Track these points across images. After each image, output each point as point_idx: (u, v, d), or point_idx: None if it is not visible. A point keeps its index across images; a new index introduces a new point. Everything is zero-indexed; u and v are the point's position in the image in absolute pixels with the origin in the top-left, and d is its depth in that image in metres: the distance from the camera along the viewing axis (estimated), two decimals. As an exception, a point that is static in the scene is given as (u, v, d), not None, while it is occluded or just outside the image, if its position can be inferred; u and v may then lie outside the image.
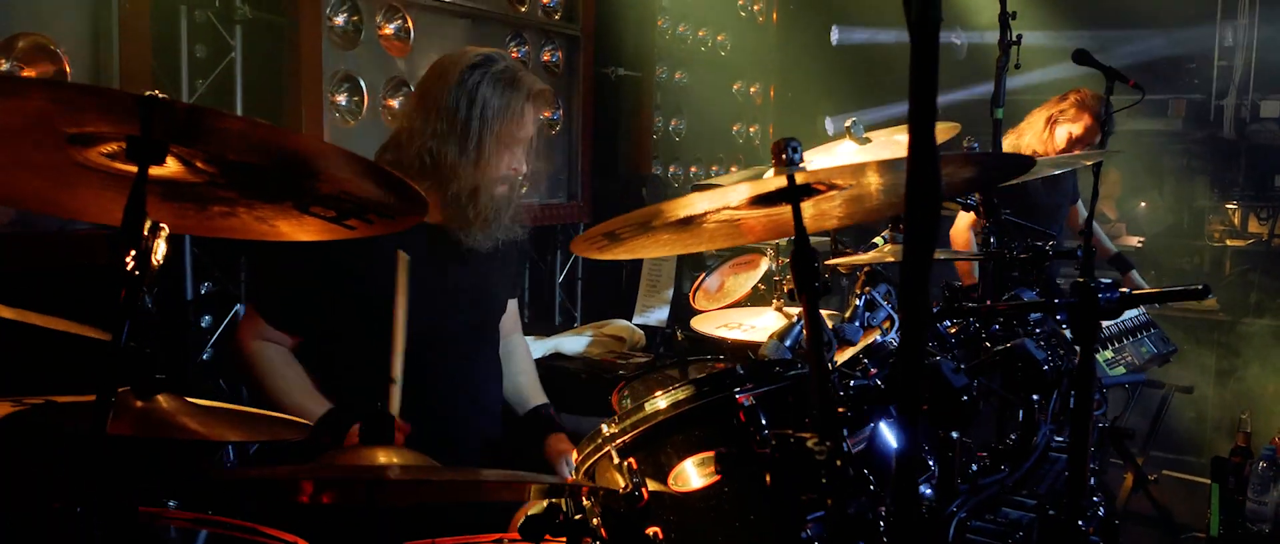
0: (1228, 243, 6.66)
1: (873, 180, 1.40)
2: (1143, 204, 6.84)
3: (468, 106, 2.18)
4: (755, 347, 2.78)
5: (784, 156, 1.31)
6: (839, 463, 1.15)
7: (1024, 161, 1.44)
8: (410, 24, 4.10)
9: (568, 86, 5.03)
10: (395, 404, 1.84)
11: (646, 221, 1.48)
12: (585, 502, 1.62)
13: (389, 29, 4.06)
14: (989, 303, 1.96)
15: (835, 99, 6.70)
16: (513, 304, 2.67)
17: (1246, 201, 6.63)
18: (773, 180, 1.31)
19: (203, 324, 3.69)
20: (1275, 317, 5.82)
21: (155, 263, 1.26)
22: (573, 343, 3.74)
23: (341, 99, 3.89)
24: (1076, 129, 4.28)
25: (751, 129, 6.52)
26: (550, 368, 3.63)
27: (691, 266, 3.97)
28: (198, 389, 3.58)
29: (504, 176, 2.28)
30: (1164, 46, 6.49)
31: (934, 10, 1.02)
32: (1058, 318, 3.57)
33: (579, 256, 5.36)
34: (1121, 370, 3.97)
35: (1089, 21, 6.11)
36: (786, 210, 1.43)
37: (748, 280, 2.90)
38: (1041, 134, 4.28)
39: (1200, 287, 1.37)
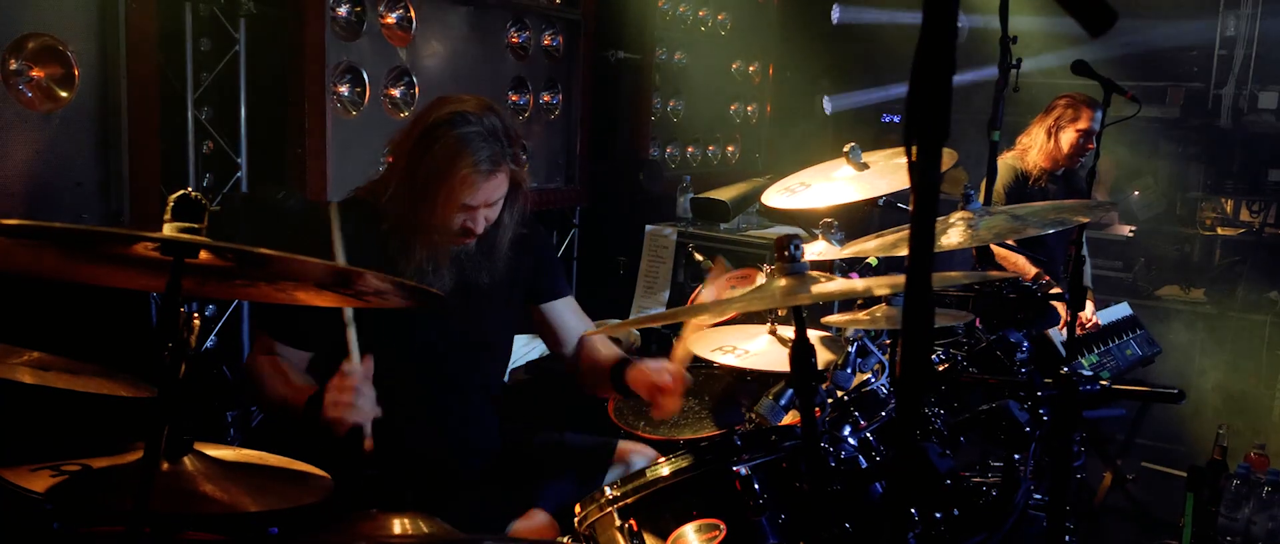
0: (1219, 231, 6.72)
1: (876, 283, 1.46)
2: (1136, 192, 6.88)
3: (419, 157, 2.26)
4: (749, 374, 2.86)
5: (786, 254, 1.37)
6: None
7: (1018, 281, 1.50)
8: (412, 13, 4.10)
9: (567, 71, 5.04)
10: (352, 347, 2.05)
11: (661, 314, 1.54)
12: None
13: (391, 18, 4.07)
14: (972, 374, 2.03)
15: (834, 78, 6.70)
16: (564, 304, 2.67)
17: (1240, 193, 6.68)
18: (779, 295, 1.37)
19: (207, 313, 3.76)
20: (1262, 308, 5.91)
21: (191, 345, 1.33)
22: (570, 342, 3.81)
23: (344, 89, 3.92)
24: (1081, 124, 4.33)
25: (749, 108, 6.54)
26: (547, 371, 3.71)
27: (691, 275, 4.03)
28: (203, 376, 3.68)
29: (449, 231, 2.33)
30: (1165, 35, 6.48)
31: (935, 165, 1.07)
32: (1047, 331, 3.65)
33: (576, 237, 5.42)
34: (1105, 375, 4.07)
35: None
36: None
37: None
38: (1047, 147, 4.34)
39: (1176, 391, 1.43)
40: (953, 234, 2.06)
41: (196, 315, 1.30)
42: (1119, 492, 4.47)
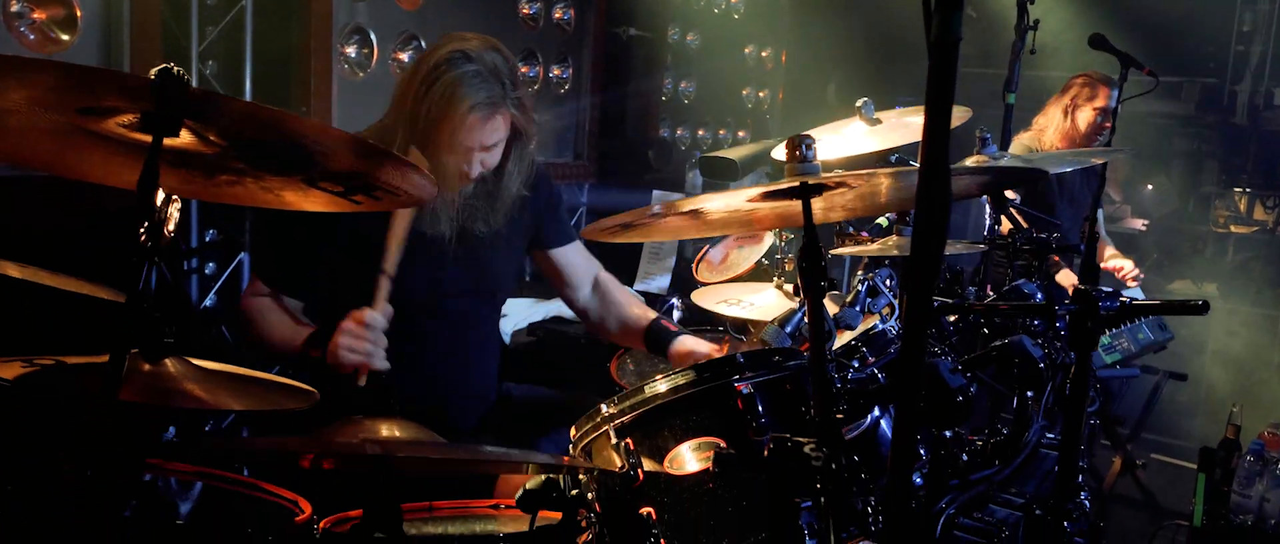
0: (1232, 229, 6.64)
1: (884, 182, 1.41)
2: (1149, 186, 6.81)
3: (420, 99, 2.21)
4: (754, 324, 2.80)
5: (798, 154, 1.32)
6: (834, 467, 1.17)
7: (1034, 173, 1.44)
8: (421, -17, 4.06)
9: (578, 45, 5.00)
10: (382, 295, 2.02)
11: (658, 215, 1.49)
12: (582, 476, 1.65)
13: (401, -11, 4.03)
14: (988, 301, 1.97)
15: (847, 66, 6.64)
16: (572, 249, 2.65)
17: (1255, 189, 6.60)
18: (784, 181, 1.31)
19: (207, 271, 3.72)
20: (1274, 305, 5.83)
21: (168, 234, 1.27)
22: (574, 307, 3.76)
23: (351, 51, 3.87)
24: (1098, 102, 4.26)
25: (761, 94, 6.48)
26: (550, 333, 3.66)
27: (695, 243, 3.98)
28: (199, 337, 3.63)
29: (452, 174, 2.28)
30: (1180, 29, 6.41)
31: (954, 30, 1.02)
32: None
33: (583, 214, 5.37)
34: (1117, 356, 4.00)
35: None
36: (796, 203, 1.44)
37: (752, 254, 2.91)
38: (1063, 126, 4.28)
39: (1201, 302, 1.38)
40: (968, 177, 2.00)
41: (175, 199, 1.25)
42: (1128, 478, 4.40)
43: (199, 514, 1.84)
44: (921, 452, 1.76)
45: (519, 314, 3.75)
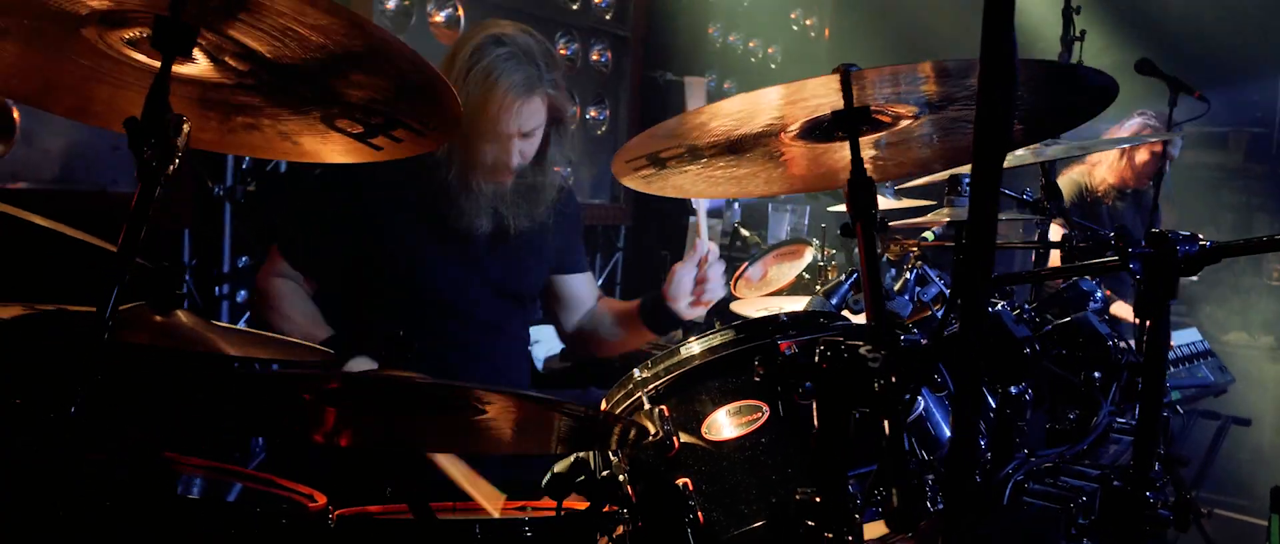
0: (1289, 283, 6.42)
1: (931, 90, 1.32)
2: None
3: (458, 89, 2.19)
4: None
5: (845, 80, 1.24)
6: (894, 378, 1.06)
7: (1105, 79, 1.35)
8: (460, 13, 4.09)
9: (615, 88, 5.00)
10: None
11: (688, 134, 1.42)
12: (613, 458, 1.54)
13: (440, 17, 4.06)
14: (1049, 269, 1.86)
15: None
16: (583, 278, 2.62)
17: (1310, 240, 6.38)
18: (829, 83, 1.23)
19: (238, 299, 3.68)
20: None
21: (175, 159, 1.21)
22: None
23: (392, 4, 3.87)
24: (1158, 147, 4.16)
25: (798, 144, 6.44)
26: (584, 358, 3.56)
27: (737, 250, 3.89)
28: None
29: (492, 165, 2.23)
30: (1224, 76, 6.30)
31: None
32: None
33: (620, 259, 5.30)
34: (1175, 396, 3.81)
35: (1148, 45, 5.94)
36: (832, 151, 1.37)
37: (791, 269, 2.82)
38: (1117, 164, 4.19)
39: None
40: (1022, 153, 1.91)
41: (186, 121, 1.18)
42: (1193, 527, 4.15)
43: (211, 501, 1.75)
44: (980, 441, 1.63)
45: (550, 340, 3.66)
